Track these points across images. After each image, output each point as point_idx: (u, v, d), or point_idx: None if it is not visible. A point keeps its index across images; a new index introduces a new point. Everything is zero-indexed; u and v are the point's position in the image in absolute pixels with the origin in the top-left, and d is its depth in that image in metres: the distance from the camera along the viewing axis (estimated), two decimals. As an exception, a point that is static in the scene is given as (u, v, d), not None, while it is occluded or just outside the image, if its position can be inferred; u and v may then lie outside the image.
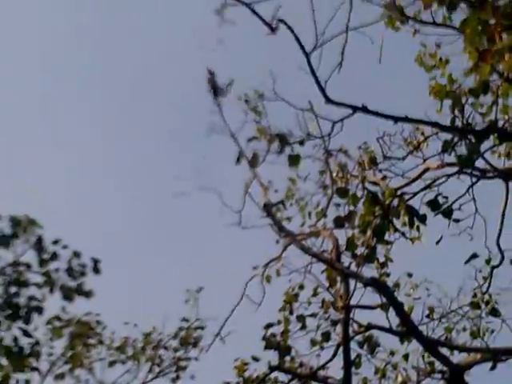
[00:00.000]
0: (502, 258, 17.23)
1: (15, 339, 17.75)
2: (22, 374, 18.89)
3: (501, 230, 16.95)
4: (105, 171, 39.44)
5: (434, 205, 15.81)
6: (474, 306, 18.19)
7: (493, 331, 18.39)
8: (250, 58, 17.22)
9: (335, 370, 17.61)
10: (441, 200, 15.59)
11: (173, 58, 32.59)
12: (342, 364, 17.09)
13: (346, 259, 16.77)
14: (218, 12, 15.16)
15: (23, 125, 38.29)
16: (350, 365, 17.24)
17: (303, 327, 17.85)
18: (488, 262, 17.48)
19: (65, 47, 39.03)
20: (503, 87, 15.45)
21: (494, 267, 17.51)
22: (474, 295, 18.20)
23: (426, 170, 16.55)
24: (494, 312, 18.13)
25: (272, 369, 17.91)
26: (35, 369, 19.00)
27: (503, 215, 16.84)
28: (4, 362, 18.06)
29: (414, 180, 16.51)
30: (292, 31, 14.82)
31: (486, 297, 18.09)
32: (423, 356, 18.19)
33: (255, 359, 18.29)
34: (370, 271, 16.76)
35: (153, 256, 32.22)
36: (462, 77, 15.65)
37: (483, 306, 18.15)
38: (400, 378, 18.45)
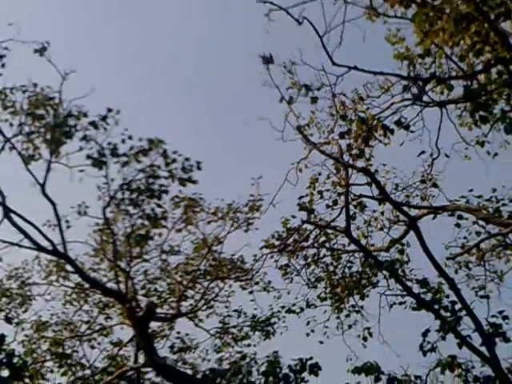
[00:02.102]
0: (438, 153, 17.85)
1: (152, 209, 19.29)
2: (156, 229, 20.52)
3: (438, 137, 17.58)
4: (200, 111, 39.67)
5: (398, 123, 17.60)
6: (422, 181, 19.16)
7: (433, 196, 19.29)
8: (286, 41, 18.34)
9: (341, 222, 18.65)
10: (402, 120, 16.70)
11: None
12: (344, 218, 18.39)
13: (346, 157, 17.84)
14: (266, 15, 16.94)
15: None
16: (349, 219, 18.52)
17: (321, 197, 18.92)
18: (431, 155, 18.09)
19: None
20: (439, 53, 16.43)
21: (433, 159, 18.19)
22: (423, 176, 19.06)
23: (393, 103, 16.88)
24: (435, 185, 19.00)
25: (303, 222, 19.18)
26: (164, 226, 20.48)
27: (439, 129, 17.30)
28: (146, 223, 19.78)
29: (385, 109, 16.94)
30: (311, 24, 16.32)
31: (430, 176, 18.92)
32: (392, 212, 19.24)
33: (293, 217, 19.50)
34: (360, 163, 17.81)
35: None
36: (413, 47, 16.57)
37: (428, 182, 19.03)
38: (379, 225, 19.56)
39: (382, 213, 19.63)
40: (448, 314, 16.73)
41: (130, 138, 18.99)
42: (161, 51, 39.85)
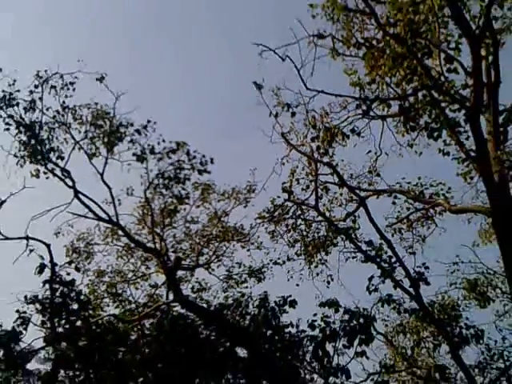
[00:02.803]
0: (380, 152, 18.34)
1: (179, 191, 19.49)
2: (181, 205, 20.25)
3: (380, 141, 18.17)
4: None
5: (352, 131, 17.52)
6: (369, 172, 19.12)
7: (377, 183, 19.42)
8: (272, 72, 18.41)
9: (311, 201, 18.90)
10: (355, 129, 17.57)
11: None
12: (314, 198, 18.72)
13: (316, 154, 18.10)
14: (259, 54, 17.34)
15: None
16: (317, 198, 18.72)
17: (298, 183, 19.11)
18: (375, 153, 18.42)
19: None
20: (381, 81, 16.69)
21: (377, 156, 18.47)
22: (369, 168, 19.11)
23: (349, 116, 17.52)
24: (378, 174, 19.13)
25: (285, 200, 19.32)
26: (187, 203, 20.22)
27: (381, 135, 17.96)
28: (174, 201, 19.84)
29: (343, 121, 17.64)
30: (291, 60, 16.61)
31: (374, 168, 19.00)
32: (348, 193, 19.30)
33: (278, 197, 19.57)
34: (326, 159, 18.17)
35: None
36: (363, 77, 17.05)
37: (373, 172, 19.08)
38: (338, 203, 19.67)
39: (341, 194, 19.72)
40: (386, 265, 17.01)
41: (164, 140, 19.12)
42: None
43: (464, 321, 17.28)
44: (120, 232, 19.77)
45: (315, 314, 15.74)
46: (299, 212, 19.87)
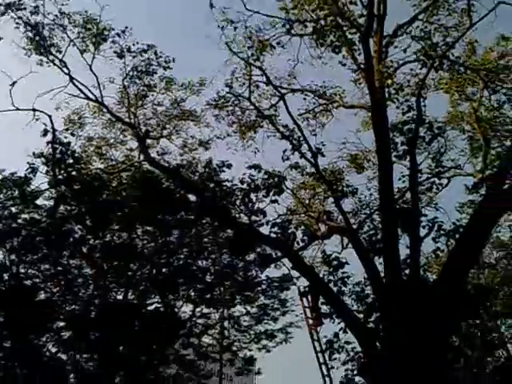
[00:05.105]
0: (298, 62, 18.01)
1: (148, 81, 19.26)
2: (151, 92, 19.85)
3: (298, 52, 18.05)
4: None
5: (278, 43, 17.74)
6: (289, 76, 18.61)
7: (294, 84, 18.81)
8: None
9: (246, 93, 18.31)
10: (280, 42, 17.49)
11: None
12: (248, 92, 18.28)
13: (251, 60, 17.70)
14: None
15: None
16: (250, 92, 18.21)
17: (237, 80, 18.29)
18: (294, 62, 17.86)
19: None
20: (301, 8, 17.03)
21: (296, 64, 18.24)
22: (289, 72, 18.54)
23: (276, 33, 17.14)
24: (294, 77, 18.55)
25: (227, 93, 18.59)
26: (155, 91, 19.96)
27: (299, 48, 18.08)
28: (146, 89, 19.55)
29: (273, 36, 17.19)
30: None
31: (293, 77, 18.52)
32: (272, 90, 18.51)
33: (220, 91, 18.96)
34: (258, 64, 17.75)
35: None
36: (288, 3, 16.66)
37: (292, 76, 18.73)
38: (265, 96, 18.79)
39: (267, 90, 18.73)
40: (296, 142, 17.15)
41: (138, 43, 18.69)
42: None
43: (345, 182, 18.28)
44: (104, 110, 19.40)
45: (244, 174, 16.28)
46: (237, 102, 19.32)
